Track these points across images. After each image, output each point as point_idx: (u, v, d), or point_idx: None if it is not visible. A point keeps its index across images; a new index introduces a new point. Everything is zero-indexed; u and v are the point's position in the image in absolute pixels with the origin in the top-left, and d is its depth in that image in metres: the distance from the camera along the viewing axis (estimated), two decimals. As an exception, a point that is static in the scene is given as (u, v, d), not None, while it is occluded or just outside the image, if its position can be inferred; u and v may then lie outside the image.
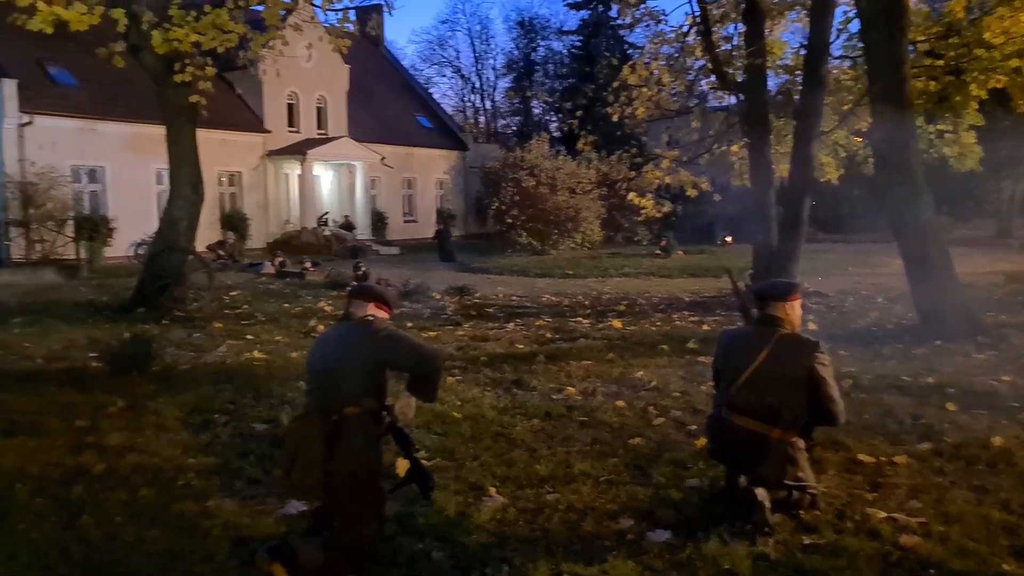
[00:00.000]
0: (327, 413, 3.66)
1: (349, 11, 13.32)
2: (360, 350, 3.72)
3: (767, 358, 4.15)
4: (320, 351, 3.91)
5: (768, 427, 4.11)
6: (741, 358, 4.25)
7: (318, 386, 3.80)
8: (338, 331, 3.93)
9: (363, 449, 3.66)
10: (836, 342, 9.07)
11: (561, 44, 56.75)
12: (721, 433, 4.31)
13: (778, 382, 4.13)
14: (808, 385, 4.14)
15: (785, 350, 4.17)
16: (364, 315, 3.89)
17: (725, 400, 4.28)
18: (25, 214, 21.36)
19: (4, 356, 8.93)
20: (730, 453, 4.30)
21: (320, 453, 3.60)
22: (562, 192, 27.65)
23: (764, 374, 4.14)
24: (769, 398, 4.12)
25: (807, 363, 4.14)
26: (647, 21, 14.98)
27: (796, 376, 4.13)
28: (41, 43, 18.16)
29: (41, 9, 10.76)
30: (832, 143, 16.21)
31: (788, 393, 4.13)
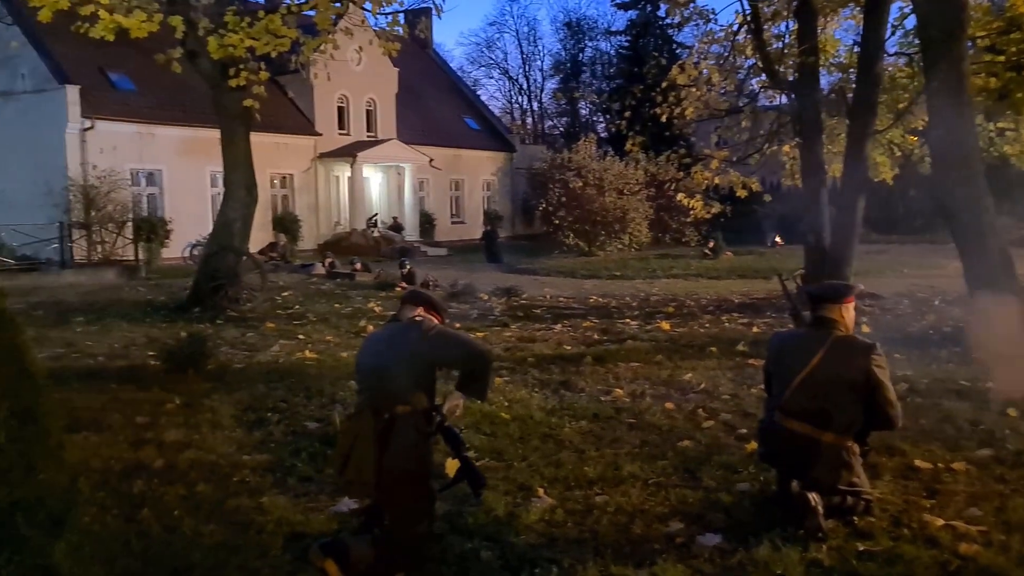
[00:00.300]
0: (379, 412, 3.71)
1: (399, 15, 13.46)
2: (411, 349, 3.77)
3: (821, 361, 4.07)
4: (371, 351, 3.96)
5: (821, 431, 4.05)
6: (794, 361, 4.18)
7: (369, 385, 3.85)
8: (388, 331, 3.99)
9: (414, 447, 3.70)
10: (891, 345, 8.87)
11: (609, 44, 56.57)
12: (773, 437, 4.26)
13: (833, 385, 4.05)
14: (864, 388, 4.05)
15: (840, 353, 4.09)
16: (411, 317, 3.94)
17: (778, 404, 4.22)
18: (87, 216, 22.01)
19: (68, 354, 9.23)
20: (782, 457, 4.23)
21: (373, 451, 3.65)
22: (610, 193, 27.55)
23: (818, 378, 4.06)
24: (823, 402, 4.05)
25: (863, 365, 4.05)
26: (696, 20, 14.88)
27: (852, 379, 4.05)
28: (102, 50, 18.73)
29: (103, 17, 11.08)
30: (887, 142, 15.89)
31: (843, 397, 4.05)
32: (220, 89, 13.00)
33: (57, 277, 18.66)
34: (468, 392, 3.95)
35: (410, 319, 3.93)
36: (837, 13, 14.57)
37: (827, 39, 14.71)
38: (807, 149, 12.99)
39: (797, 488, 3.98)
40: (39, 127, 23.06)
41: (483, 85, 61.53)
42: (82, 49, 20.86)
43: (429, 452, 3.84)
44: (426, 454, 3.79)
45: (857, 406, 4.07)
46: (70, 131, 22.74)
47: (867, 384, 4.04)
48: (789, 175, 16.21)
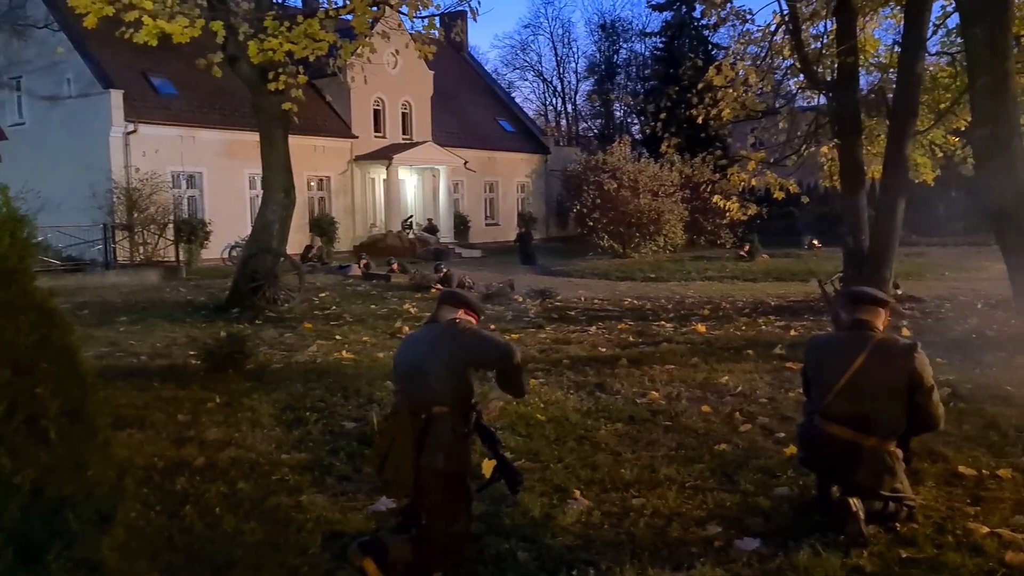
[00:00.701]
0: (416, 412, 3.75)
1: (435, 18, 13.53)
2: (448, 350, 3.81)
3: (864, 364, 4.01)
4: (409, 352, 4.00)
5: (864, 436, 4.01)
6: (835, 365, 4.12)
7: (407, 386, 3.89)
8: (426, 333, 4.02)
9: (452, 447, 3.73)
10: (933, 349, 8.72)
11: (643, 46, 56.36)
12: (814, 442, 4.21)
13: (875, 389, 4.01)
14: (907, 391, 4.00)
15: (882, 355, 4.03)
16: (451, 318, 3.98)
17: (818, 408, 4.17)
18: (130, 218, 22.44)
19: (112, 353, 9.42)
20: (823, 462, 4.19)
21: (411, 451, 3.69)
22: (644, 195, 27.42)
23: (861, 381, 4.01)
24: (865, 406, 4.00)
25: (906, 367, 3.99)
26: (733, 21, 14.72)
27: (894, 382, 4.00)
28: (145, 55, 19.11)
29: (147, 23, 11.30)
30: (928, 143, 15.62)
31: (885, 400, 4.00)
32: (259, 93, 13.19)
33: (101, 278, 19.03)
34: (507, 390, 4.00)
35: (449, 321, 3.97)
36: (877, 12, 14.36)
37: (866, 39, 14.49)
38: (846, 150, 12.81)
39: (838, 493, 3.95)
40: (84, 131, 23.57)
41: (517, 87, 61.82)
42: (125, 54, 21.33)
43: (466, 452, 3.86)
44: (463, 454, 3.82)
45: (900, 409, 4.03)
46: (114, 135, 23.19)
47: (910, 386, 4.00)
48: (827, 176, 16.00)
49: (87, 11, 11.31)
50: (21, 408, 2.57)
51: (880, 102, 13.98)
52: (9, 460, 2.53)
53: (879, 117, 14.21)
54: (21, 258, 2.65)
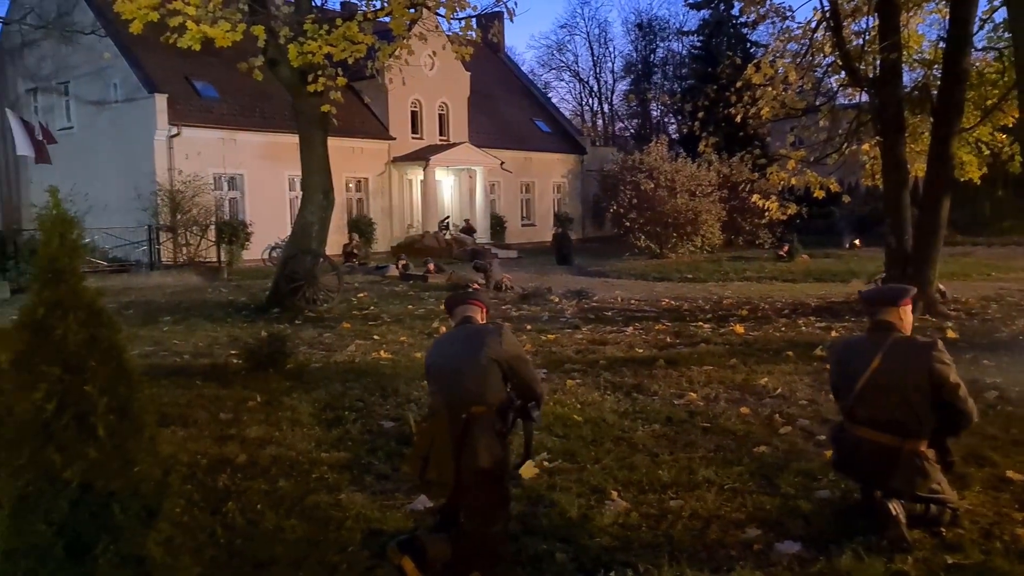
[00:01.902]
0: (456, 412, 3.78)
1: (472, 20, 13.55)
2: (488, 353, 3.84)
3: (881, 365, 3.99)
4: (445, 352, 4.03)
5: (891, 437, 3.96)
6: (856, 367, 4.10)
7: (446, 386, 3.91)
8: (463, 333, 4.05)
9: (491, 447, 3.76)
10: (979, 351, 8.59)
11: (681, 45, 56.02)
12: (843, 445, 4.20)
13: (896, 389, 3.96)
14: (930, 388, 3.93)
15: (899, 354, 4.00)
16: (478, 319, 4.08)
17: (845, 411, 4.18)
18: (173, 220, 22.84)
19: (156, 352, 9.61)
20: (855, 466, 4.16)
21: (452, 451, 3.72)
22: (681, 195, 27.19)
23: (881, 382, 3.98)
24: (889, 406, 3.97)
25: (925, 364, 3.93)
26: (772, 18, 14.53)
27: (915, 380, 3.94)
28: (188, 59, 19.43)
29: (190, 28, 11.50)
30: (974, 140, 15.28)
31: (909, 399, 3.95)
32: (299, 95, 13.34)
33: (146, 278, 19.42)
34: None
35: (493, 324, 4.08)
36: (921, 7, 14.07)
37: (910, 34, 14.22)
38: (888, 148, 12.58)
39: (880, 497, 3.89)
40: (129, 134, 24.05)
41: (554, 88, 61.80)
42: (169, 59, 21.70)
43: (505, 452, 3.88)
44: (502, 454, 3.84)
45: (925, 408, 3.95)
46: (158, 138, 23.62)
47: (932, 383, 3.93)
48: (869, 175, 15.74)
49: (133, 17, 11.53)
50: (71, 405, 2.63)
51: (924, 99, 13.71)
52: (59, 456, 2.59)
53: (923, 114, 13.93)
54: (71, 259, 2.71)
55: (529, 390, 3.98)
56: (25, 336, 2.67)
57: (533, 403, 3.97)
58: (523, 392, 3.98)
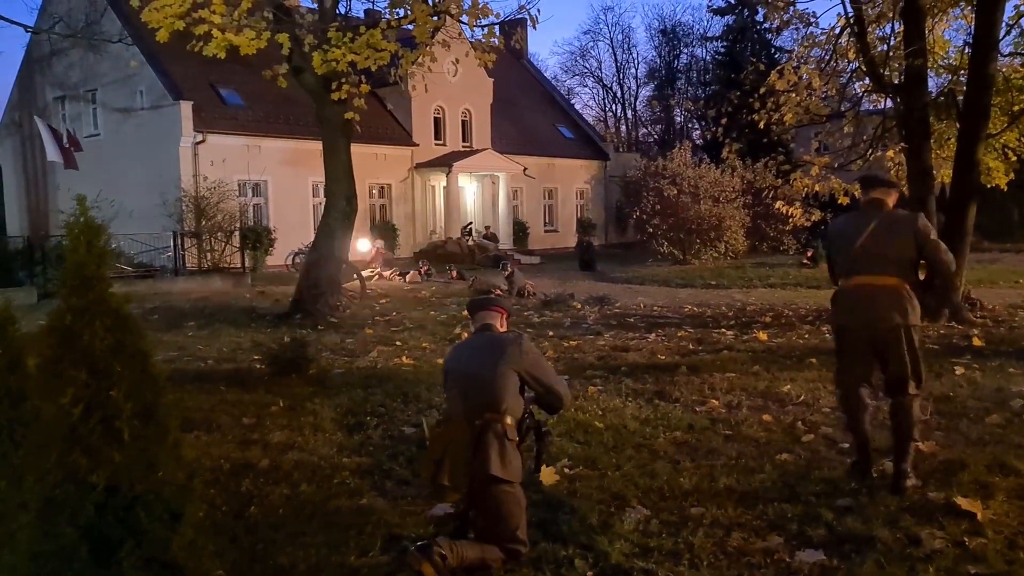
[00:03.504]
0: (471, 418, 3.81)
1: (495, 27, 13.60)
2: (506, 362, 3.88)
3: (876, 228, 4.77)
4: (464, 359, 4.08)
5: (887, 278, 4.74)
6: (854, 233, 4.85)
7: (462, 392, 3.94)
8: (481, 340, 4.09)
9: (505, 454, 3.78)
10: (1005, 359, 8.48)
11: (704, 50, 55.85)
12: (845, 298, 4.91)
13: (888, 245, 4.75)
14: (916, 247, 4.74)
15: (891, 222, 4.82)
16: (497, 326, 4.16)
17: (844, 272, 4.93)
18: (198, 226, 23.09)
19: (180, 357, 9.71)
20: (857, 311, 4.80)
21: (465, 457, 3.75)
22: (705, 201, 27.08)
23: (875, 242, 4.75)
24: (881, 257, 4.74)
25: (912, 227, 4.76)
26: (796, 24, 14.46)
27: (903, 239, 4.75)
28: (213, 67, 19.64)
29: (216, 36, 11.65)
30: (1001, 146, 15.10)
31: (897, 252, 4.75)
32: (323, 102, 13.45)
33: (171, 284, 19.63)
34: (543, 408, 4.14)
35: (513, 332, 4.12)
36: (946, 13, 13.94)
37: (935, 40, 14.09)
38: (914, 154, 12.46)
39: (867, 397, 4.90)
40: (155, 141, 24.36)
41: (577, 94, 61.69)
42: (195, 67, 21.98)
43: (518, 459, 3.89)
44: (516, 460, 3.85)
45: (908, 258, 4.77)
46: (183, 144, 23.91)
47: (917, 242, 4.74)
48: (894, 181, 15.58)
49: (159, 26, 11.70)
50: (97, 409, 2.67)
51: (950, 105, 13.59)
52: (85, 459, 2.64)
53: (949, 120, 13.80)
54: (97, 265, 2.76)
55: (553, 394, 4.04)
56: (53, 341, 2.73)
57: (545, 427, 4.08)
58: (547, 397, 4.04)
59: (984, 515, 4.13)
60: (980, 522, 4.07)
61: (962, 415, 6.30)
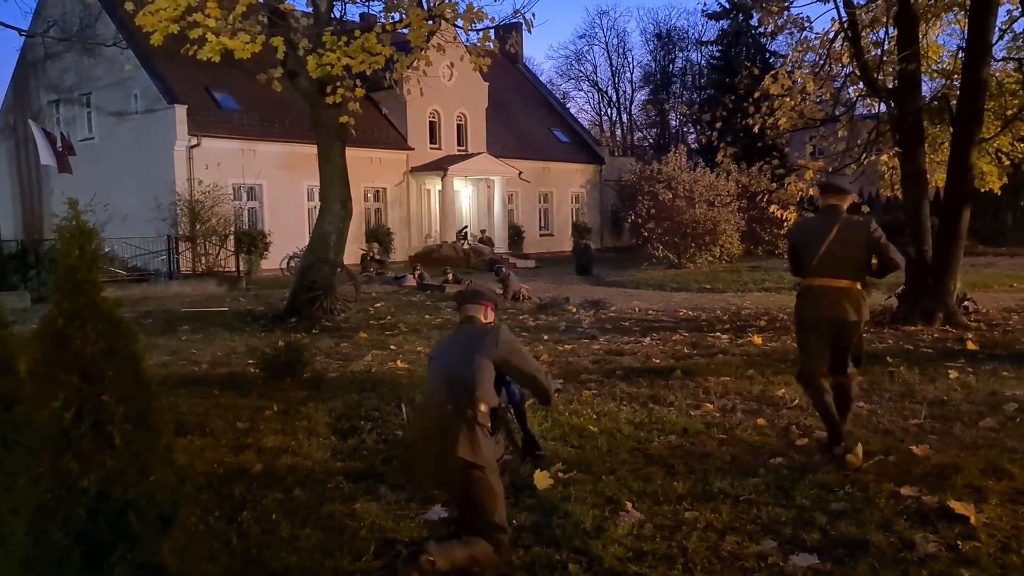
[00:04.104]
0: (444, 404, 3.85)
1: (490, 31, 13.61)
2: (484, 352, 3.92)
3: (837, 234, 5.35)
4: (443, 350, 4.16)
5: (844, 282, 5.35)
6: (818, 238, 5.42)
7: (438, 382, 3.99)
8: (462, 333, 4.14)
9: (474, 440, 3.78)
10: (999, 363, 8.50)
11: (699, 55, 56.01)
12: (809, 295, 5.51)
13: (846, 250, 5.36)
14: (868, 249, 5.37)
15: (849, 228, 5.40)
16: (480, 318, 4.16)
17: (808, 273, 5.51)
18: (192, 230, 23.06)
19: (174, 361, 9.69)
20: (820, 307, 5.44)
21: (436, 443, 3.79)
22: (700, 205, 27.12)
23: (836, 247, 5.34)
24: (839, 262, 5.36)
25: (867, 233, 5.37)
26: (790, 28, 14.50)
27: (859, 243, 5.35)
28: (208, 71, 19.63)
29: (210, 40, 11.63)
30: (994, 150, 15.15)
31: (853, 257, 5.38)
32: (318, 106, 13.45)
33: (165, 288, 19.59)
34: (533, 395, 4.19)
35: (491, 325, 4.15)
36: (940, 18, 13.99)
37: (929, 45, 14.14)
38: (908, 158, 12.50)
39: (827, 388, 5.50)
40: (150, 145, 24.34)
41: (572, 98, 61.90)
42: (189, 70, 21.96)
43: (490, 447, 3.88)
44: (487, 448, 3.84)
45: (864, 262, 5.43)
46: (178, 148, 23.88)
47: (870, 245, 5.38)
48: (888, 185, 15.62)
49: (154, 29, 11.69)
50: (88, 414, 2.66)
51: (943, 109, 13.63)
52: (77, 464, 2.63)
53: (942, 124, 13.85)
54: (89, 270, 2.75)
55: (533, 383, 4.08)
56: (44, 346, 2.72)
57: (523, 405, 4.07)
58: (530, 385, 4.09)
59: (978, 519, 4.14)
60: (973, 526, 4.07)
61: (956, 419, 6.31)
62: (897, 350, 9.64)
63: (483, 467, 3.80)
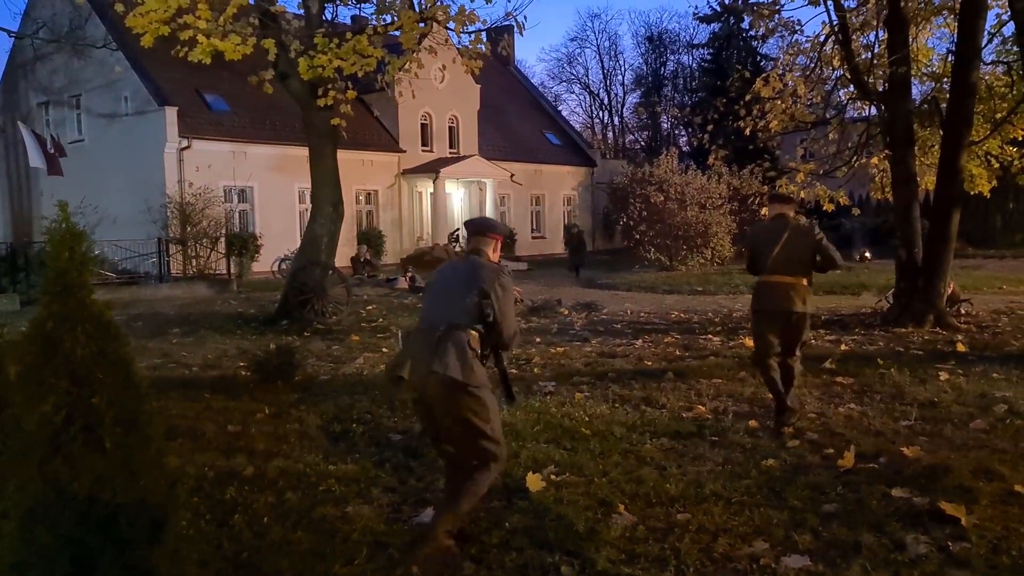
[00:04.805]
0: (436, 325, 3.99)
1: (481, 33, 13.62)
2: (478, 282, 4.04)
3: (788, 238, 6.23)
4: (446, 275, 4.31)
5: (792, 278, 6.23)
6: (771, 241, 6.30)
7: (435, 303, 4.16)
8: (467, 264, 4.27)
9: (464, 358, 3.88)
10: (989, 364, 8.55)
11: (691, 58, 56.16)
12: (763, 290, 6.38)
13: (795, 252, 6.24)
14: (813, 251, 6.26)
15: (798, 233, 6.30)
16: (488, 251, 4.33)
17: (763, 270, 6.34)
18: (183, 232, 22.98)
19: (165, 364, 9.65)
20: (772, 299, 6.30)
21: (426, 357, 3.89)
22: (691, 207, 27.18)
23: (787, 249, 6.20)
24: (790, 262, 6.21)
25: (812, 237, 6.26)
26: (781, 31, 14.55)
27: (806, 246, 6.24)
28: (199, 72, 19.57)
29: (201, 41, 11.61)
30: (983, 153, 15.24)
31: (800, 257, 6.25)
32: (309, 108, 13.43)
33: (155, 290, 19.51)
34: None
35: (489, 262, 4.28)
36: (929, 21, 14.08)
37: (919, 48, 14.23)
38: (898, 161, 12.57)
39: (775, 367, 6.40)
40: (139, 147, 24.23)
41: (564, 100, 62.00)
42: (180, 72, 21.87)
43: (482, 369, 3.97)
44: (479, 369, 3.94)
45: (809, 261, 6.30)
46: (168, 150, 23.79)
47: (814, 248, 6.26)
48: (878, 188, 15.70)
49: (144, 31, 11.65)
50: (78, 417, 2.65)
51: (933, 112, 13.71)
52: (66, 468, 2.61)
53: (932, 127, 13.92)
54: (79, 272, 2.73)
55: (498, 336, 4.05)
56: (34, 349, 2.70)
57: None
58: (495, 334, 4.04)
59: (968, 520, 4.15)
60: (964, 527, 4.09)
61: (946, 420, 6.34)
62: (888, 352, 9.68)
63: (475, 386, 3.89)
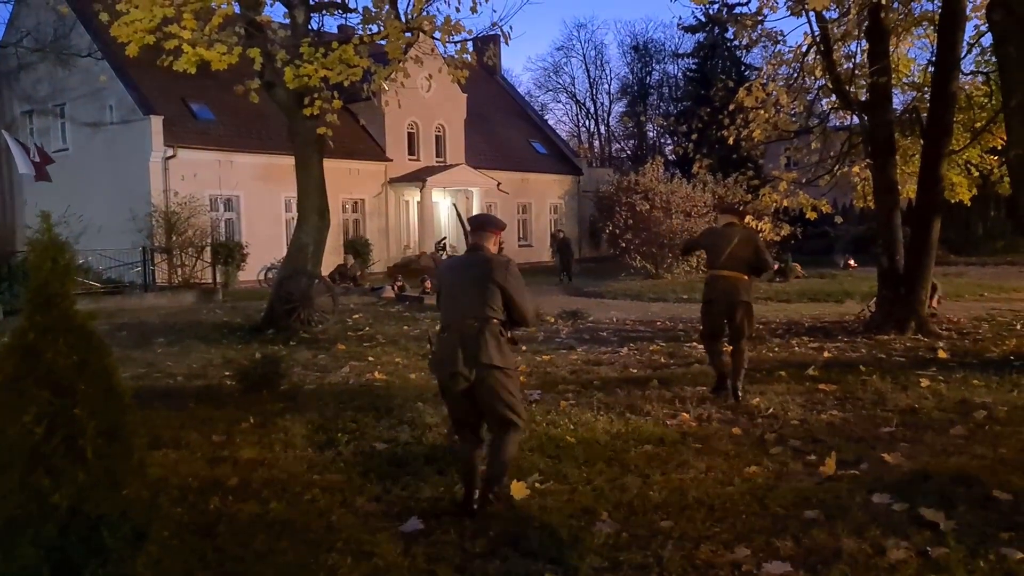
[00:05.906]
0: (471, 320, 4.57)
1: (468, 43, 13.66)
2: (493, 278, 4.64)
3: (737, 242, 7.42)
4: (459, 272, 4.86)
5: (738, 274, 7.44)
6: (723, 243, 7.49)
7: (459, 302, 4.69)
8: (474, 259, 4.82)
9: (500, 346, 4.58)
10: (969, 371, 8.63)
11: (676, 67, 56.46)
12: (714, 284, 7.63)
13: (743, 253, 7.40)
14: (755, 253, 7.50)
15: (745, 238, 7.55)
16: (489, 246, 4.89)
17: (715, 267, 7.60)
18: (168, 241, 22.90)
19: (149, 374, 9.61)
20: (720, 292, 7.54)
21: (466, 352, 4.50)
22: (677, 216, 27.27)
23: (736, 250, 7.41)
24: (738, 261, 7.42)
25: (755, 241, 7.64)
26: (765, 42, 14.69)
27: (750, 248, 7.47)
28: (184, 82, 19.49)
29: (186, 51, 11.61)
30: (964, 162, 15.40)
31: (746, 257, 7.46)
32: (295, 118, 13.43)
33: (140, 300, 19.41)
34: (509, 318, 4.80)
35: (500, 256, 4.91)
36: (910, 32, 14.22)
37: (900, 58, 14.36)
38: (879, 170, 12.68)
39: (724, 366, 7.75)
40: (125, 156, 24.15)
41: (550, 109, 62.03)
42: (165, 81, 21.83)
43: (511, 351, 4.70)
44: (509, 352, 4.66)
45: (751, 261, 7.49)
46: (154, 159, 23.72)
47: (755, 251, 7.50)
48: (860, 196, 15.83)
49: (129, 40, 11.64)
50: (60, 428, 2.65)
51: (914, 121, 13.83)
52: (48, 479, 2.61)
53: (913, 136, 14.05)
54: (62, 283, 2.75)
55: (521, 317, 4.79)
56: (15, 360, 2.71)
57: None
58: (515, 312, 4.73)
59: (947, 525, 4.20)
60: (943, 532, 4.13)
61: (927, 427, 6.40)
62: (870, 359, 9.75)
63: (507, 368, 4.60)
